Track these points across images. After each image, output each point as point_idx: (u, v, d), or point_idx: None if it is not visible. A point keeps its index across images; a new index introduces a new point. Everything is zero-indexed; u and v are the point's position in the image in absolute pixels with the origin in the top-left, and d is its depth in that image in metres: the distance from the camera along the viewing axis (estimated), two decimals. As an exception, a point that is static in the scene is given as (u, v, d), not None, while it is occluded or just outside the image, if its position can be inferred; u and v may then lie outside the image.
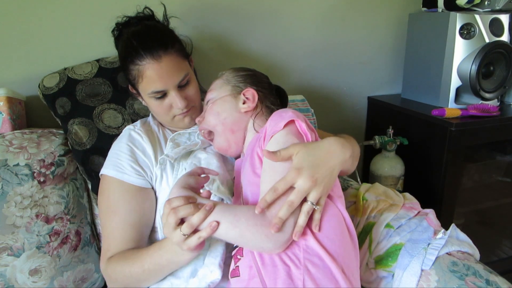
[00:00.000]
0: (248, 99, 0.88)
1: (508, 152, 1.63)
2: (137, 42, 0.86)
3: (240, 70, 0.94)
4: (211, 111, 0.89)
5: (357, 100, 1.68)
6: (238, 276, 0.71)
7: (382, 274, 0.88)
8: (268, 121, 0.79)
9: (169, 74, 0.87)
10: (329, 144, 0.73)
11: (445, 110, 1.34)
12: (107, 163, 0.90)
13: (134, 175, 0.87)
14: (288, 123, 0.75)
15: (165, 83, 0.87)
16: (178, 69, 0.88)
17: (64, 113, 1.02)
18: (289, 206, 0.65)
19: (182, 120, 0.94)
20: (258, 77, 0.93)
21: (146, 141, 0.91)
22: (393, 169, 1.47)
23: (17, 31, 1.13)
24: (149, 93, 0.88)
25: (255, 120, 0.87)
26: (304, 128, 0.75)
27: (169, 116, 0.93)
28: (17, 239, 0.90)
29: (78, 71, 1.07)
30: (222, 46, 1.38)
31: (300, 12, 1.46)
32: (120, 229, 0.84)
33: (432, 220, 0.92)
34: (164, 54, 0.86)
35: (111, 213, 0.86)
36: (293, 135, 0.74)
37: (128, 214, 0.85)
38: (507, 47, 1.38)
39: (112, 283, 0.84)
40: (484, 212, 1.69)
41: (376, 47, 1.64)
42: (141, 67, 0.85)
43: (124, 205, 0.85)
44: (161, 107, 0.91)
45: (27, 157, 0.94)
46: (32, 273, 0.91)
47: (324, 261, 0.66)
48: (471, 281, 0.76)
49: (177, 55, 0.88)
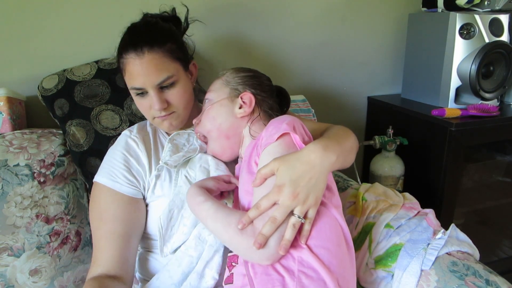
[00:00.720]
0: (245, 103, 0.85)
1: (508, 152, 1.63)
2: (129, 35, 0.86)
3: (240, 71, 0.92)
4: (207, 115, 0.87)
5: (357, 100, 1.68)
6: (231, 283, 0.70)
7: (381, 274, 0.88)
8: (264, 129, 0.78)
9: (149, 72, 0.83)
10: (309, 153, 0.70)
11: (445, 110, 1.34)
12: (101, 171, 0.88)
13: (126, 185, 0.86)
14: (282, 134, 0.74)
15: (143, 81, 0.84)
16: (162, 69, 0.84)
17: (63, 114, 1.02)
18: (271, 222, 0.65)
19: (161, 123, 0.91)
20: (258, 79, 0.91)
21: (142, 149, 0.89)
22: (393, 169, 1.47)
23: (17, 31, 1.13)
24: (130, 88, 0.88)
25: (251, 127, 0.85)
26: (299, 141, 0.73)
27: (150, 116, 0.91)
28: (17, 240, 0.90)
29: (76, 73, 1.07)
30: (222, 46, 1.38)
31: (300, 12, 1.47)
32: (108, 238, 0.82)
33: (431, 220, 0.92)
34: (148, 51, 0.83)
35: (100, 221, 0.84)
36: (286, 146, 0.73)
37: (117, 224, 0.83)
38: (507, 47, 1.38)
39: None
40: (484, 212, 1.69)
41: (376, 47, 1.64)
42: (125, 61, 0.85)
43: (114, 214, 0.84)
44: (142, 105, 0.89)
45: (27, 157, 0.94)
46: (32, 273, 0.91)
47: (319, 274, 0.65)
48: (471, 281, 0.76)
49: (164, 55, 0.85)
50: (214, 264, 0.78)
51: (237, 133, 0.86)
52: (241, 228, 0.66)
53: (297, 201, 0.66)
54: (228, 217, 0.69)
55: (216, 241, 0.79)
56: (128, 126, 1.03)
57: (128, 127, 1.02)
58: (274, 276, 0.65)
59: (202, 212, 0.73)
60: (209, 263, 0.78)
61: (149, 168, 0.88)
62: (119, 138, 0.94)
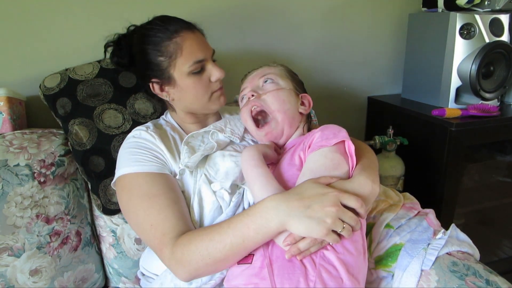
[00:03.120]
0: (303, 104, 0.92)
1: (508, 152, 1.63)
2: (165, 22, 0.88)
3: (290, 71, 0.98)
4: (277, 95, 0.88)
5: (357, 100, 1.69)
6: (249, 263, 0.71)
7: (382, 274, 0.88)
8: (317, 131, 0.80)
9: (205, 44, 0.91)
10: (360, 186, 0.74)
11: (445, 110, 1.34)
12: (124, 164, 0.86)
13: (157, 165, 0.85)
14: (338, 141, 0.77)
15: (204, 52, 0.89)
16: (207, 43, 0.93)
17: (65, 113, 1.02)
18: (311, 242, 0.68)
19: (219, 98, 0.94)
20: (302, 84, 0.98)
21: (159, 142, 0.89)
22: (393, 169, 1.47)
23: (18, 31, 1.13)
24: (190, 65, 0.87)
25: (306, 125, 0.92)
26: (352, 151, 0.77)
27: (207, 94, 0.91)
28: (17, 240, 0.90)
29: (79, 72, 1.07)
30: (222, 47, 1.38)
31: (300, 12, 1.47)
32: (169, 206, 0.79)
33: (432, 220, 0.92)
34: (195, 27, 0.91)
35: (151, 199, 0.80)
36: (340, 154, 0.77)
37: (169, 193, 0.82)
38: (507, 47, 1.38)
39: (183, 268, 0.73)
40: (484, 212, 1.69)
41: (376, 47, 1.64)
42: (179, 39, 0.86)
43: (161, 187, 0.82)
44: (200, 83, 0.89)
45: (28, 157, 0.94)
46: (32, 274, 0.91)
47: (338, 272, 0.69)
48: (471, 281, 0.76)
49: (200, 33, 0.93)
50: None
51: (295, 125, 0.90)
52: (285, 246, 0.68)
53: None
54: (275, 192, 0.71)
55: None
56: (131, 125, 1.03)
57: (131, 126, 1.02)
58: (296, 263, 0.68)
59: (252, 176, 0.76)
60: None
61: (171, 157, 0.88)
62: (132, 133, 0.93)
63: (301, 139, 0.85)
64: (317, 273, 0.67)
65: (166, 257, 0.75)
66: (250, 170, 0.77)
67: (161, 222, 0.78)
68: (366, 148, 0.92)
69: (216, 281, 0.79)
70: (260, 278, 0.68)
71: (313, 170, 0.74)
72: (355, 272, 0.71)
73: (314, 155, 0.76)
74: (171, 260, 0.74)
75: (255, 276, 0.69)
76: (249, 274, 0.70)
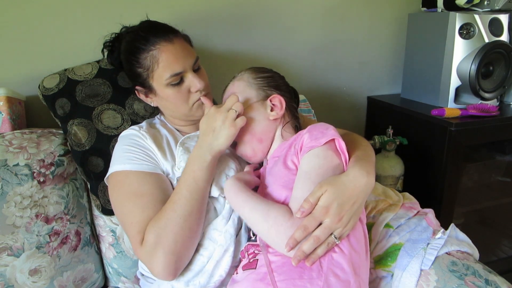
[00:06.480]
0: (275, 106, 0.85)
1: (508, 152, 1.63)
2: (145, 32, 0.87)
3: (259, 71, 0.90)
4: (243, 130, 0.84)
5: (357, 100, 1.69)
6: (254, 268, 0.71)
7: (381, 274, 0.88)
8: (305, 132, 0.78)
9: (183, 54, 0.87)
10: (355, 178, 0.72)
11: (445, 110, 1.34)
12: (117, 161, 0.88)
13: (148, 164, 0.86)
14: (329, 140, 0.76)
15: (182, 64, 0.86)
16: (190, 51, 0.90)
17: (64, 113, 1.02)
18: (314, 241, 0.67)
19: (201, 107, 0.91)
20: (277, 80, 0.90)
21: (150, 141, 0.89)
22: (393, 169, 1.47)
23: (17, 31, 1.13)
24: (167, 78, 0.86)
25: (284, 129, 0.86)
26: (343, 147, 0.76)
27: (188, 105, 0.90)
28: (17, 239, 0.90)
29: (78, 72, 1.07)
30: (222, 47, 1.38)
31: (300, 12, 1.46)
32: (154, 206, 0.81)
33: (431, 220, 0.92)
34: (174, 37, 0.87)
35: (138, 198, 0.82)
36: (332, 152, 0.75)
37: (157, 193, 0.82)
38: (506, 47, 1.38)
39: (162, 250, 0.75)
40: (483, 212, 1.69)
41: (376, 47, 1.64)
42: (155, 52, 0.85)
43: (150, 187, 0.83)
44: (180, 95, 0.89)
45: (27, 157, 0.94)
46: (32, 273, 0.91)
47: (346, 274, 0.68)
48: (470, 280, 0.76)
49: (184, 40, 0.91)
50: (224, 263, 0.80)
51: (270, 136, 0.86)
52: (288, 250, 0.67)
53: (340, 224, 0.69)
54: (268, 210, 0.71)
55: (226, 241, 0.80)
56: (130, 125, 1.03)
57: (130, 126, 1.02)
58: (302, 268, 0.68)
59: (239, 202, 0.75)
60: (219, 263, 0.80)
61: (162, 155, 0.88)
62: (126, 131, 0.94)
63: (287, 144, 0.82)
64: (324, 277, 0.66)
65: (142, 252, 0.77)
66: (235, 197, 0.76)
67: (141, 220, 0.80)
68: (361, 139, 0.88)
69: (215, 284, 0.80)
70: (265, 283, 0.68)
71: (308, 171, 0.73)
72: (361, 272, 0.71)
73: (307, 157, 0.75)
74: (147, 251, 0.76)
75: (260, 281, 0.69)
76: (253, 279, 0.70)
